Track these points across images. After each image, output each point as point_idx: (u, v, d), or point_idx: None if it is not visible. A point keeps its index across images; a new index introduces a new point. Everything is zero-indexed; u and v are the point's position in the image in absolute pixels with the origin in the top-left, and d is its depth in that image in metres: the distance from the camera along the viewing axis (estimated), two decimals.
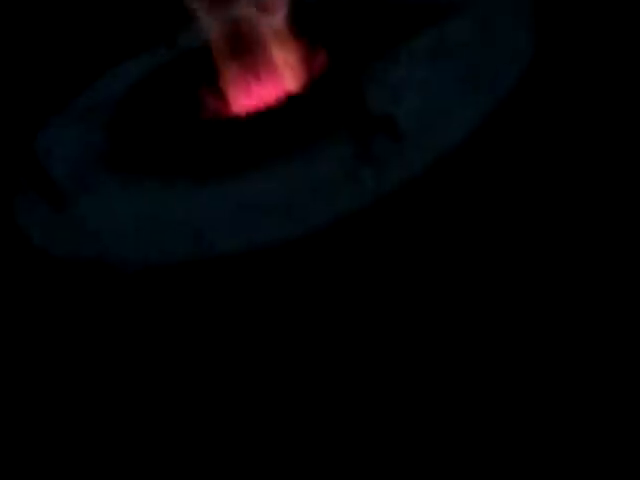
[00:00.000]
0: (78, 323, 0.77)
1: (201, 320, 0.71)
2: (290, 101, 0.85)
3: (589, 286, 0.68)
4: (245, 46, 0.99)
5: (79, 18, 1.36)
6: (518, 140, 0.78)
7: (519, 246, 0.71)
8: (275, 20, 0.93)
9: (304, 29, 0.96)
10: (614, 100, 0.83)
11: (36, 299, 0.81)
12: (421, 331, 0.68)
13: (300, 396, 0.67)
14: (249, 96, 1.01)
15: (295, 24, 0.95)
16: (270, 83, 1.01)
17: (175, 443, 0.68)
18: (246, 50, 0.99)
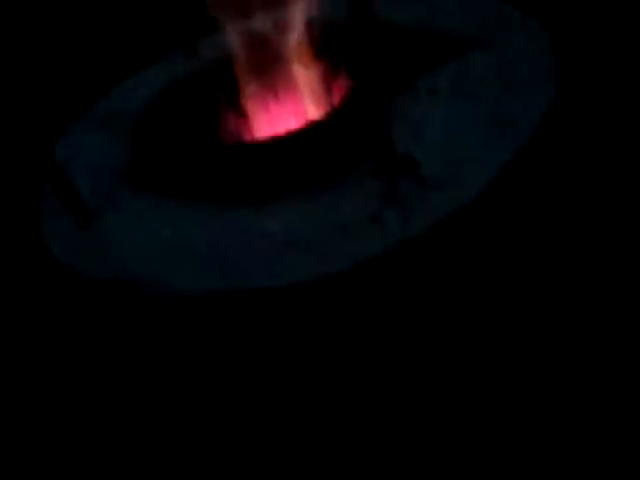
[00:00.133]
0: (97, 343, 0.78)
1: (220, 353, 0.73)
2: (314, 130, 0.86)
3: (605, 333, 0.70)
4: (266, 62, 1.00)
5: (96, 24, 1.36)
6: (539, 188, 0.79)
7: (545, 295, 0.73)
8: (292, 38, 0.94)
9: (326, 50, 0.97)
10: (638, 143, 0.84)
11: (54, 312, 0.83)
12: (438, 374, 0.70)
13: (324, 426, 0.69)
14: (269, 114, 1.01)
15: (318, 44, 0.96)
16: (290, 102, 1.01)
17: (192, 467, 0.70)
18: (267, 66, 1.00)
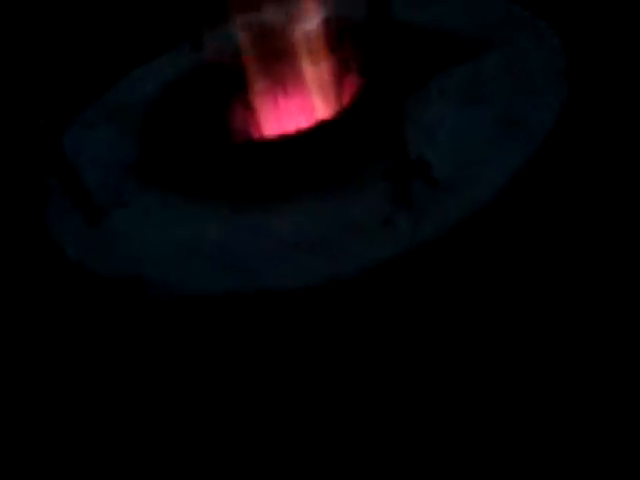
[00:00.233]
0: (107, 342, 0.78)
1: (226, 354, 0.73)
2: (325, 129, 0.85)
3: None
4: (276, 56, 0.99)
5: (102, 16, 1.35)
6: (552, 191, 0.79)
7: (557, 301, 0.73)
8: (307, 29, 0.93)
9: (338, 46, 0.97)
10: None
11: (64, 310, 0.82)
12: (447, 379, 0.71)
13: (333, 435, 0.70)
14: (277, 109, 1.01)
15: (329, 40, 0.95)
16: (299, 97, 1.01)
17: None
18: (277, 60, 0.99)
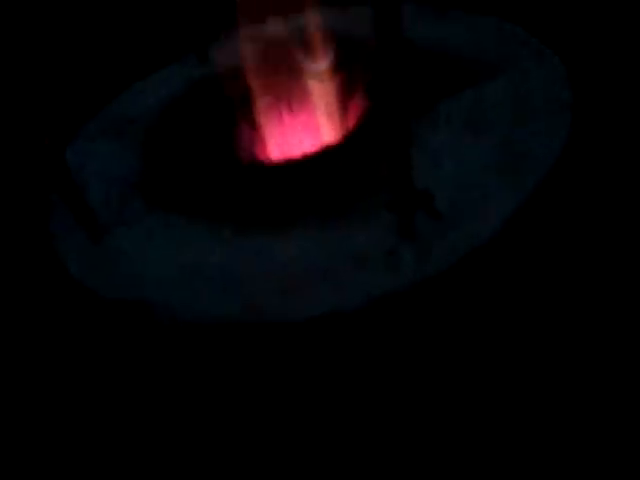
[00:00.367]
0: (108, 361, 0.78)
1: (226, 378, 0.73)
2: (331, 155, 0.86)
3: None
4: (281, 73, 0.99)
5: (106, 28, 1.35)
6: (555, 225, 0.80)
7: (564, 334, 0.73)
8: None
9: (345, 66, 0.97)
10: None
11: (66, 328, 0.82)
12: (450, 412, 0.71)
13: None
14: (283, 127, 1.01)
15: (336, 60, 0.95)
16: (304, 115, 1.01)
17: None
18: (281, 75, 1.00)
